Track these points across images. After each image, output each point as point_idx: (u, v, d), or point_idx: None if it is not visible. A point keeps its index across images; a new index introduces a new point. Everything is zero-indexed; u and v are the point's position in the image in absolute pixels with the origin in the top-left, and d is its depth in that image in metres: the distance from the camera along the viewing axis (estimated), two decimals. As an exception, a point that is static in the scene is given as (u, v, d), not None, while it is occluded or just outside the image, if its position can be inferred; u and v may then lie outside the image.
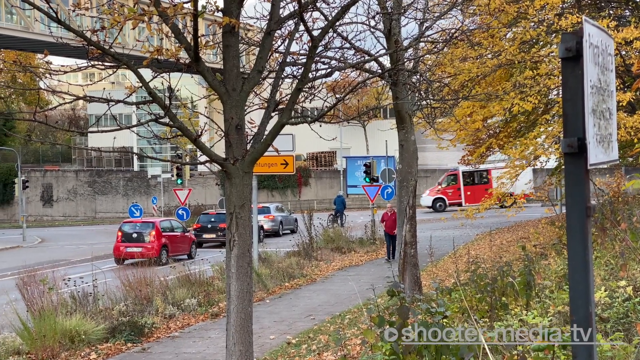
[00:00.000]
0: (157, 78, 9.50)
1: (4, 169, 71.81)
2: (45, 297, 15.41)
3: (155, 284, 18.87)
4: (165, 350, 14.38)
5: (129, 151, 11.20)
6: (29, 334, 13.99)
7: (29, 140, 78.09)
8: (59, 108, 11.77)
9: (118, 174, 74.47)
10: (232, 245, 8.97)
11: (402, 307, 6.20)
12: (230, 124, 9.03)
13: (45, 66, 10.32)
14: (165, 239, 32.07)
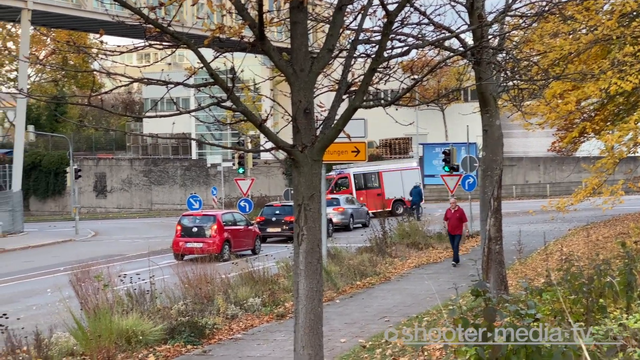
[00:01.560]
0: (219, 58, 9.58)
1: (55, 157, 73.23)
2: (100, 295, 15.70)
3: (216, 281, 19.09)
4: (228, 354, 14.54)
5: (188, 137, 11.35)
6: (83, 334, 14.28)
7: (81, 126, 79.58)
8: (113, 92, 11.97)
9: (175, 162, 75.37)
10: (301, 239, 9.01)
11: (488, 309, 6.16)
12: (298, 108, 9.05)
13: (98, 46, 10.47)
14: (227, 233, 32.36)
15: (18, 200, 50.79)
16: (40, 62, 10.67)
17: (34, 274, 29.93)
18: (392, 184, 54.02)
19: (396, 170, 55.62)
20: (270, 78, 13.47)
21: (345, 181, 53.36)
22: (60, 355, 13.70)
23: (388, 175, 54.83)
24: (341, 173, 53.84)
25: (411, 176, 54.93)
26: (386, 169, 56.10)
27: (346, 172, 54.05)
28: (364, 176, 54.55)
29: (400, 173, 55.38)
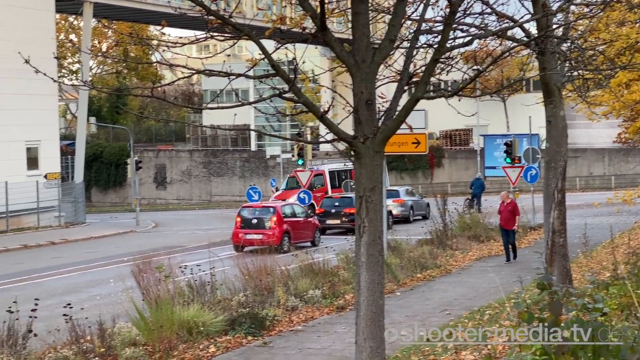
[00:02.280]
0: (279, 50, 9.61)
1: (116, 149, 74.15)
2: (162, 286, 15.89)
3: (276, 273, 19.18)
4: (288, 345, 14.62)
5: (249, 129, 11.39)
6: (145, 325, 14.46)
7: (141, 118, 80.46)
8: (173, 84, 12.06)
9: (234, 154, 75.83)
10: (362, 231, 9.01)
11: (553, 302, 6.10)
12: (359, 99, 9.05)
13: (159, 38, 10.55)
14: (287, 225, 32.53)
15: (80, 191, 51.57)
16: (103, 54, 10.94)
17: (97, 264, 30.38)
18: None
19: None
20: (330, 69, 13.47)
21: (320, 178, 50.06)
22: (123, 345, 13.89)
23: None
24: (314, 169, 49.20)
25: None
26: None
27: (321, 168, 51.07)
28: (338, 174, 51.16)
29: None
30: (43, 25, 46.86)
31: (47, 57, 17.56)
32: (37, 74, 9.34)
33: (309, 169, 46.70)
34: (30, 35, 43.32)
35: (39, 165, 47.66)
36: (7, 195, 43.02)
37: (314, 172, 47.38)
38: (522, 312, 6.17)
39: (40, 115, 47.18)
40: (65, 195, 49.98)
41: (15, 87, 43.83)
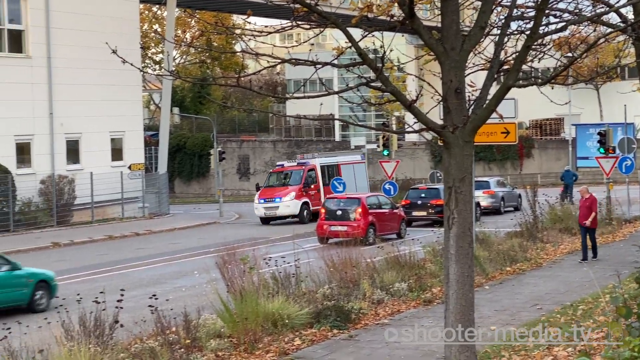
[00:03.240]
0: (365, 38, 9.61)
1: (199, 140, 74.94)
2: (246, 277, 16.04)
3: (361, 265, 19.19)
4: (374, 339, 14.63)
5: (333, 118, 11.40)
6: (230, 317, 14.64)
7: (225, 108, 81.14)
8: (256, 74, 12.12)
9: (318, 144, 76.02)
10: (451, 223, 8.98)
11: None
12: (448, 88, 9.01)
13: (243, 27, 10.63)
14: (372, 216, 32.50)
15: (164, 182, 52.35)
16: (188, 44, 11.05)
17: (181, 255, 30.81)
18: (348, 179, 44.14)
19: (349, 164, 47.30)
20: (417, 57, 13.41)
21: (313, 174, 45.14)
22: (208, 337, 14.09)
23: (345, 170, 46.41)
24: (305, 164, 45.43)
25: (360, 171, 47.42)
26: (342, 162, 47.32)
27: (312, 162, 45.74)
28: (328, 169, 46.29)
29: (353, 167, 47.16)
30: (127, 16, 47.65)
31: (132, 48, 17.88)
32: (121, 65, 9.51)
33: (298, 163, 45.22)
34: (115, 26, 44.12)
35: (123, 156, 48.55)
36: (92, 186, 43.97)
37: (309, 167, 44.86)
38: (619, 307, 6.07)
39: (125, 106, 48.03)
40: (149, 186, 50.80)
41: (101, 78, 44.72)
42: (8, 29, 42.24)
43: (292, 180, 44.73)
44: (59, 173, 42.93)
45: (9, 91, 41.14)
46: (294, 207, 43.55)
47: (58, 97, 43.59)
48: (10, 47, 42.45)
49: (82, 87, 44.53)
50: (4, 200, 38.81)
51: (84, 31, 44.12)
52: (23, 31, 42.91)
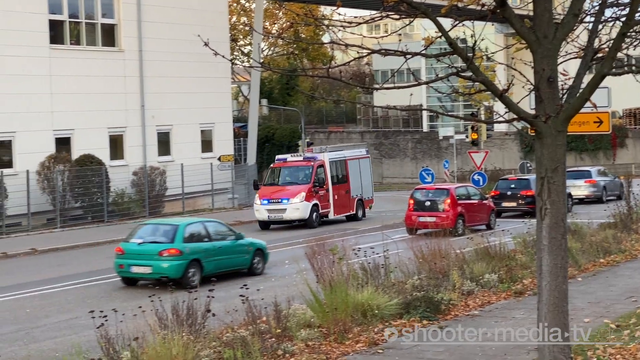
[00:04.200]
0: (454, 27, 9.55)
1: (287, 131, 75.40)
2: (335, 268, 16.10)
3: (450, 256, 19.09)
4: (464, 330, 14.53)
5: (422, 108, 11.36)
6: (320, 307, 14.72)
7: (312, 99, 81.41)
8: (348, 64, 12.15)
9: (406, 135, 75.80)
10: (544, 214, 8.89)
11: None
12: (541, 76, 8.90)
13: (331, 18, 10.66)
14: (461, 207, 32.35)
15: (253, 173, 52.74)
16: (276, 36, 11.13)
17: (271, 246, 30.82)
18: (354, 176, 40.97)
19: (355, 159, 41.93)
20: (508, 46, 13.28)
21: (321, 171, 39.20)
22: (298, 326, 14.19)
23: (352, 166, 41.23)
24: (313, 160, 39.51)
25: (364, 167, 42.29)
26: (350, 157, 41.70)
27: (320, 157, 39.68)
28: (336, 165, 40.59)
29: (358, 163, 41.94)
30: (216, 9, 48.16)
31: (221, 41, 18.10)
32: (211, 57, 9.62)
33: (305, 158, 39.55)
34: (205, 19, 44.64)
35: (213, 148, 49.12)
36: (183, 177, 44.62)
37: (317, 162, 39.05)
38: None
39: (214, 98, 48.58)
40: (238, 178, 51.28)
41: (190, 70, 45.33)
42: (101, 24, 43.13)
43: (299, 177, 38.67)
44: (150, 165, 43.67)
45: (103, 84, 42.02)
46: (304, 210, 37.51)
47: (149, 90, 44.34)
48: (103, 41, 43.34)
49: (172, 80, 45.21)
50: (98, 191, 39.69)
51: (174, 24, 44.78)
52: (116, 25, 43.75)
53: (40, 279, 25.05)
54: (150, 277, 22.57)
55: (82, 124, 41.04)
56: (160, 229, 23.68)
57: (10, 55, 37.65)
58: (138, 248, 22.74)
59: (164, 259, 22.08)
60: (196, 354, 12.02)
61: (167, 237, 22.84)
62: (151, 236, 23.32)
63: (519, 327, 14.42)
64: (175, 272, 21.90)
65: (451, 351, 13.16)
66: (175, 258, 22.09)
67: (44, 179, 38.04)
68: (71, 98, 40.39)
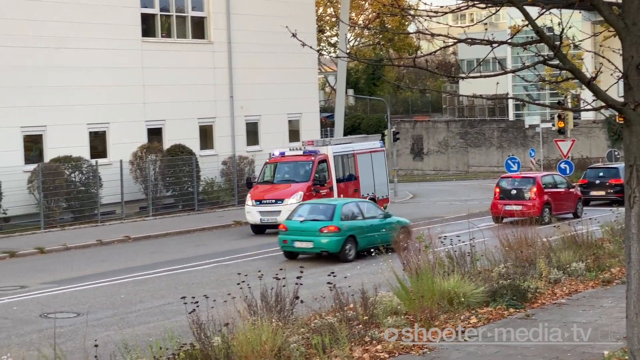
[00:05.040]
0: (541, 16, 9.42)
1: (373, 120, 75.38)
2: (422, 256, 16.08)
3: (537, 244, 18.88)
4: (551, 318, 14.38)
5: (508, 97, 11.23)
6: (406, 294, 14.72)
7: (398, 89, 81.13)
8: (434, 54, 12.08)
9: (492, 124, 75.02)
10: (632, 202, 8.73)
11: None
12: (629, 64, 8.74)
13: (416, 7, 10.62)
14: (547, 196, 32.01)
15: (339, 162, 52.81)
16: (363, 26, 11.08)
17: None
18: (365, 173, 35.89)
19: (366, 152, 36.46)
20: (595, 34, 13.05)
21: (324, 166, 33.84)
22: (385, 313, 14.21)
23: (362, 160, 36.02)
24: (314, 154, 33.78)
25: (379, 162, 37.04)
26: (359, 150, 36.14)
27: (323, 151, 34.16)
28: (342, 160, 35.20)
29: (370, 157, 36.48)
30: (304, 0, 48.34)
31: (308, 32, 18.15)
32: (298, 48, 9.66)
33: (305, 152, 34.00)
34: (292, 10, 44.81)
35: (300, 137, 49.21)
36: (271, 167, 44.90)
37: (319, 157, 33.55)
38: None
39: (301, 88, 48.77)
40: (325, 167, 51.38)
41: (278, 61, 45.57)
42: (191, 17, 43.68)
43: (297, 175, 33.45)
44: (239, 154, 44.09)
45: (193, 76, 42.55)
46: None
47: (238, 81, 44.77)
48: (193, 34, 43.90)
49: (260, 71, 45.53)
50: (188, 180, 40.25)
51: (262, 16, 45.07)
52: (205, 18, 44.25)
53: (134, 265, 25.57)
54: (311, 251, 24.99)
55: (173, 115, 41.66)
56: (320, 208, 25.92)
57: (104, 48, 38.39)
58: (300, 225, 25.05)
59: (324, 235, 24.42)
60: (285, 339, 12.12)
61: (326, 216, 25.10)
62: (311, 215, 25.52)
63: (606, 315, 14.24)
64: (335, 247, 24.26)
65: (539, 339, 13.02)
66: (334, 234, 24.38)
67: (136, 169, 38.72)
68: (162, 90, 41.02)
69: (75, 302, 19.74)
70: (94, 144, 38.79)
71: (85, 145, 38.08)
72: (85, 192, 36.23)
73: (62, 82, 36.79)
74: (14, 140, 35.29)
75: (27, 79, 35.56)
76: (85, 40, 37.58)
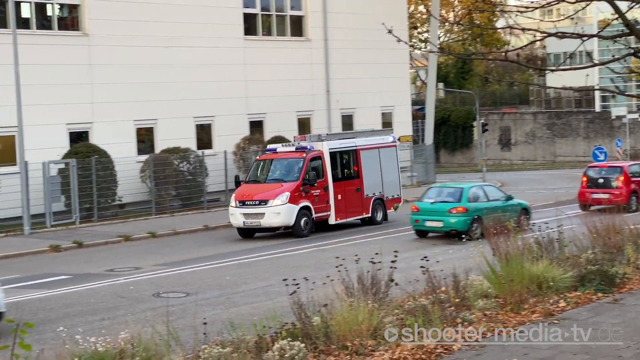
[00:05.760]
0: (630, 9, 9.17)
1: (462, 113, 74.72)
2: (511, 242, 15.85)
3: (624, 232, 18.43)
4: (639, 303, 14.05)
5: (597, 88, 10.99)
6: (496, 278, 14.53)
7: (486, 82, 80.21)
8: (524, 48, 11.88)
9: (578, 115, 73.55)
10: None
11: None
12: None
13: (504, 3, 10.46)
14: (634, 184, 31.36)
15: (430, 153, 52.52)
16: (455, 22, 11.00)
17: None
18: (371, 171, 31.43)
19: (373, 148, 32.04)
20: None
21: (317, 163, 29.64)
22: (476, 296, 14.06)
23: (367, 157, 31.56)
24: (306, 150, 29.51)
25: (389, 159, 32.74)
26: (363, 146, 31.61)
27: (317, 147, 29.90)
28: (341, 156, 30.84)
29: (378, 153, 32.10)
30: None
31: (400, 29, 18.06)
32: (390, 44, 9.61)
33: (297, 149, 29.65)
34: (385, 8, 44.59)
35: (393, 129, 49.22)
36: (365, 157, 44.91)
37: (312, 153, 29.40)
38: None
39: (394, 82, 48.63)
40: (416, 157, 51.17)
41: (371, 57, 45.52)
42: (290, 15, 43.96)
43: (286, 173, 29.31)
44: (335, 145, 44.23)
45: (291, 71, 42.83)
46: (287, 215, 28.14)
47: (334, 76, 44.91)
48: (292, 32, 44.19)
49: (355, 66, 45.57)
50: (287, 170, 40.53)
51: (356, 14, 45.09)
52: (303, 17, 44.47)
53: (238, 249, 25.93)
54: (441, 230, 26.37)
55: (273, 108, 42.01)
56: (448, 191, 27.27)
57: (210, 46, 38.95)
58: (431, 206, 26.42)
59: (453, 216, 25.78)
60: (380, 320, 12.09)
61: (455, 198, 26.40)
62: (440, 197, 26.87)
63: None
64: (462, 226, 25.54)
65: (627, 322, 12.72)
66: (462, 215, 25.71)
67: (239, 159, 39.19)
68: (263, 84, 41.41)
69: (184, 282, 20.12)
70: (200, 135, 39.41)
71: (192, 137, 38.75)
72: (192, 181, 36.88)
73: (171, 79, 37.50)
74: (128, 133, 36.17)
75: (140, 76, 36.37)
76: (192, 39, 38.21)
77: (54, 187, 31.95)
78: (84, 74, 34.92)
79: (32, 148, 31.52)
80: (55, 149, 33.45)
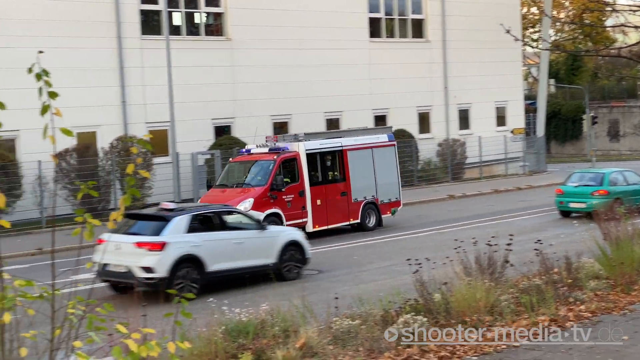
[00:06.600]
0: None
1: (572, 107, 72.72)
2: (621, 227, 15.35)
3: None
4: None
5: None
6: (606, 261, 14.13)
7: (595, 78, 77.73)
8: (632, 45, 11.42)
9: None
10: None
11: None
12: None
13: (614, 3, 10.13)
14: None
15: (541, 144, 51.36)
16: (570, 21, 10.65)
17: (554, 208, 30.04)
18: (361, 173, 26.34)
19: (365, 148, 26.77)
20: None
21: (292, 165, 24.78)
22: (587, 278, 13.71)
23: (355, 157, 26.32)
24: (279, 151, 24.68)
25: (385, 159, 27.34)
26: (352, 146, 26.37)
27: (292, 148, 25.02)
28: (322, 158, 25.69)
29: (371, 153, 26.84)
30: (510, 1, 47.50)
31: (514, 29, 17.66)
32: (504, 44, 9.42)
33: (270, 150, 24.89)
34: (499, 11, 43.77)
35: (506, 122, 48.41)
36: (481, 148, 44.31)
37: (284, 155, 24.52)
38: None
39: (507, 79, 47.80)
40: (528, 148, 50.20)
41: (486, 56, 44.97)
42: (411, 19, 43.70)
43: (254, 177, 24.48)
44: (452, 137, 43.82)
45: (412, 70, 42.72)
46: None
47: (451, 74, 44.46)
48: (413, 34, 43.98)
49: (471, 65, 45.01)
50: (409, 160, 40.38)
51: (472, 17, 44.51)
52: (423, 20, 44.13)
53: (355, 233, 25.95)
54: (584, 210, 25.99)
55: (395, 104, 41.93)
56: (590, 176, 27.69)
57: (337, 48, 39.14)
58: (574, 189, 26.99)
59: (595, 198, 25.91)
60: (496, 298, 11.94)
61: (596, 182, 26.85)
62: (582, 181, 27.30)
63: None
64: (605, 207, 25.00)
65: None
66: (604, 197, 25.64)
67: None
68: (386, 82, 41.35)
69: (318, 261, 20.30)
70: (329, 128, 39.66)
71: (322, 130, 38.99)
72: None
73: (303, 78, 37.89)
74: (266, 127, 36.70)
75: (276, 76, 36.91)
76: (322, 41, 38.49)
77: (201, 175, 32.79)
78: (226, 74, 35.69)
79: (182, 141, 32.45)
80: (202, 141, 34.41)
